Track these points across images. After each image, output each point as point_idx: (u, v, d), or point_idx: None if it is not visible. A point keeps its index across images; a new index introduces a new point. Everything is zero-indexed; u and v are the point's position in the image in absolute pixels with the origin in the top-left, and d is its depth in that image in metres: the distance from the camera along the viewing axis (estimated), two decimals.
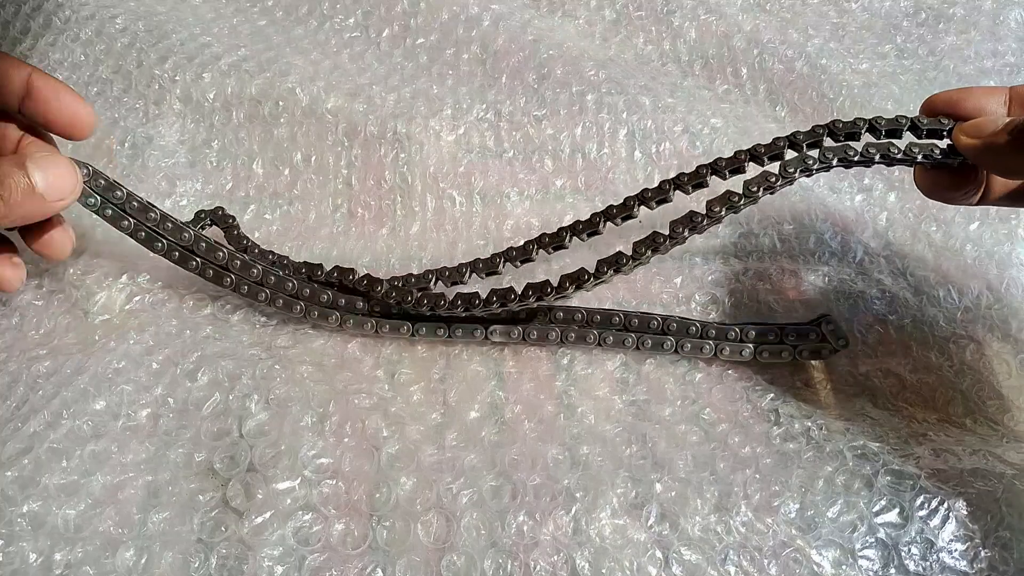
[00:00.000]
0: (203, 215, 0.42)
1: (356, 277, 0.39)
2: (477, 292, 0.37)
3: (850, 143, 0.35)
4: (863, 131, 0.35)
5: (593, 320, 0.38)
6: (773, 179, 0.35)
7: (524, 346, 0.38)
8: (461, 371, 0.37)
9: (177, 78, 0.48)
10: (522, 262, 0.40)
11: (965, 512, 0.31)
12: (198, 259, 0.38)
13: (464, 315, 0.37)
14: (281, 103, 0.47)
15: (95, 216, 0.37)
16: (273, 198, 0.45)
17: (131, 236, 0.38)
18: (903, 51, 0.51)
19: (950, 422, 0.36)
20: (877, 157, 0.35)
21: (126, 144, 0.46)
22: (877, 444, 0.33)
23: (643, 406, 0.36)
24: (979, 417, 0.37)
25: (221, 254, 0.38)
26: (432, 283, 0.40)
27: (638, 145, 0.46)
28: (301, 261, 0.41)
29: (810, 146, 0.35)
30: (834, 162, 0.35)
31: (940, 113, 0.34)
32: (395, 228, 0.44)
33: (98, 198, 0.37)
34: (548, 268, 0.41)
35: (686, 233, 0.36)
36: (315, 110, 0.47)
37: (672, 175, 0.45)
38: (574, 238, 0.39)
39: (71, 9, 0.50)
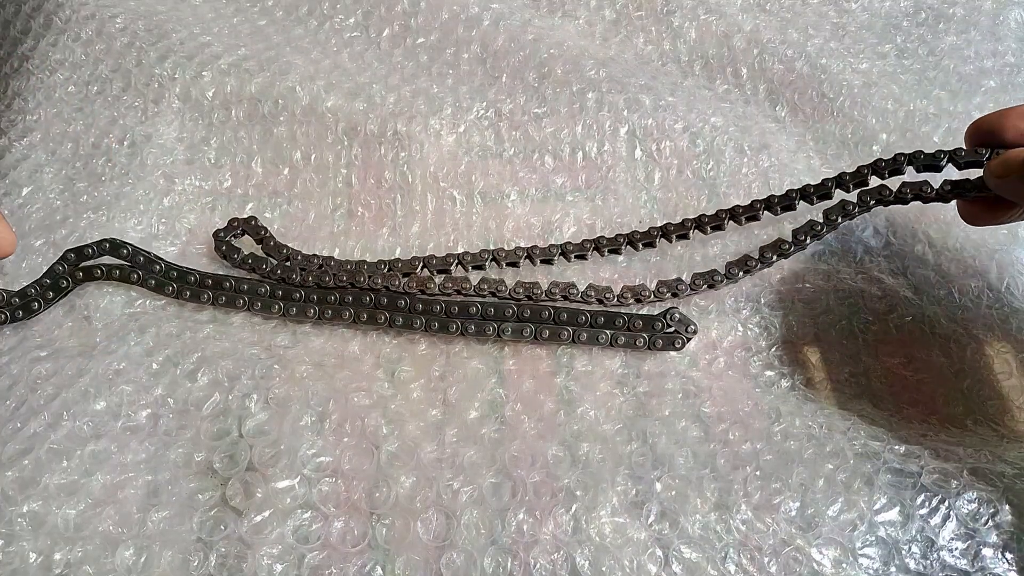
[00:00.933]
0: (236, 224, 0.43)
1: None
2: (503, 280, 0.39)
3: (886, 184, 0.39)
4: (904, 166, 0.38)
5: (451, 311, 0.38)
6: (819, 228, 0.39)
7: (522, 344, 0.38)
8: (461, 369, 0.37)
9: (176, 77, 0.48)
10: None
11: (966, 511, 0.31)
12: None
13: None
14: (281, 102, 0.47)
15: None
16: (272, 197, 0.45)
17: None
18: (903, 51, 0.51)
19: (951, 422, 0.36)
20: (910, 196, 0.38)
21: (125, 142, 0.46)
22: (878, 443, 0.33)
23: (643, 404, 0.36)
24: (979, 417, 0.37)
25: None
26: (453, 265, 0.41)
27: (639, 143, 0.46)
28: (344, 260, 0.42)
29: (856, 185, 0.39)
30: (871, 203, 0.39)
31: (983, 139, 0.36)
32: (395, 227, 0.44)
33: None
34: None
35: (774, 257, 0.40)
36: (315, 109, 0.47)
37: (672, 174, 0.45)
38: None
39: (71, 9, 0.50)
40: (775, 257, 0.39)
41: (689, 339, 0.38)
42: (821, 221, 0.39)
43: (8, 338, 0.38)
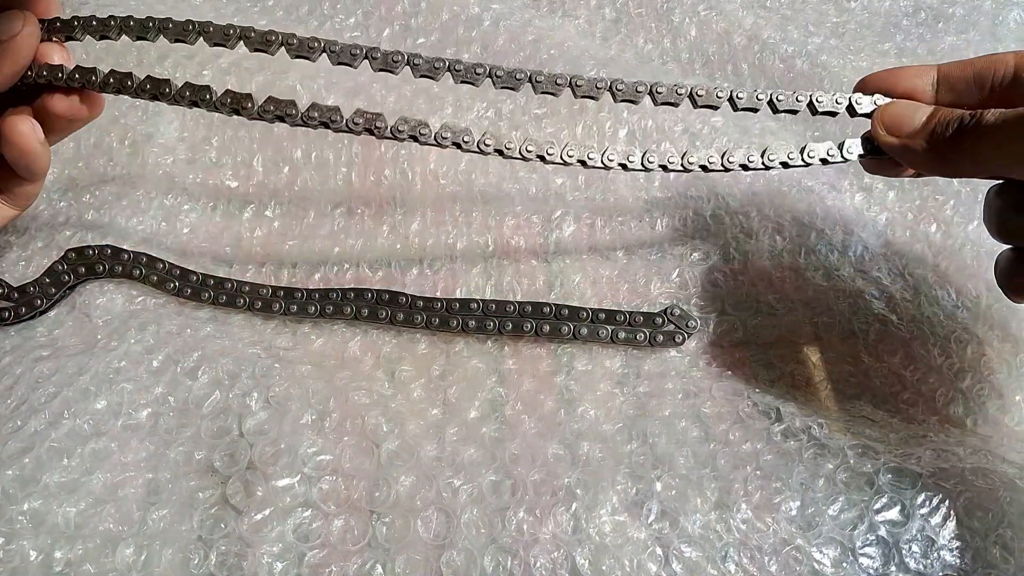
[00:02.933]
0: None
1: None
2: None
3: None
4: (804, 107, 0.35)
5: (452, 308, 0.38)
6: (713, 161, 0.35)
7: (523, 343, 0.38)
8: (461, 368, 0.37)
9: (177, 75, 0.48)
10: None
11: (966, 510, 0.31)
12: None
13: None
14: None
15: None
16: (273, 195, 0.45)
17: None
18: (903, 50, 0.51)
19: (951, 422, 0.36)
20: (817, 160, 0.35)
21: (126, 142, 0.46)
22: (878, 443, 0.33)
23: (643, 403, 0.36)
24: (979, 418, 0.37)
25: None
26: None
27: (638, 144, 0.46)
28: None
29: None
30: (776, 164, 0.35)
31: (874, 92, 0.34)
32: (395, 225, 0.44)
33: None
34: None
35: None
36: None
37: (672, 174, 0.45)
38: None
39: (71, 8, 0.50)
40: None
41: (689, 335, 0.38)
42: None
43: (12, 338, 0.38)
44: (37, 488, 0.31)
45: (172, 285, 0.40)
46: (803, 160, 0.35)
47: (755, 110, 0.35)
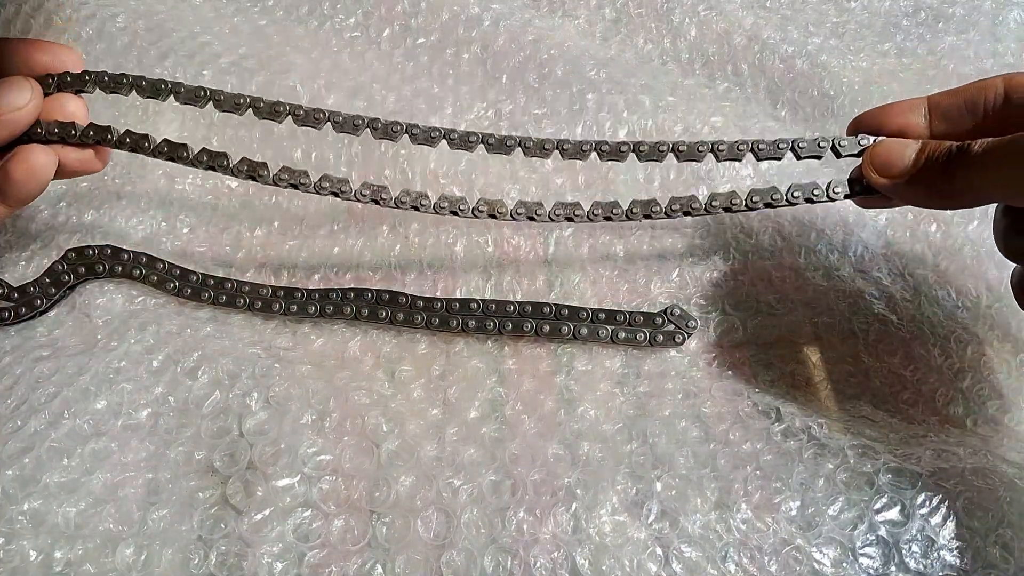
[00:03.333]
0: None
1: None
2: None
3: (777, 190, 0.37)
4: (786, 152, 0.36)
5: (452, 308, 0.38)
6: (696, 207, 0.37)
7: (525, 342, 0.38)
8: (461, 368, 0.37)
9: (177, 76, 0.48)
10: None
11: (966, 510, 0.31)
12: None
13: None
14: (281, 100, 0.47)
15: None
16: (273, 195, 0.45)
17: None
18: (903, 50, 0.51)
19: (951, 422, 0.36)
20: (802, 200, 0.36)
21: None
22: (878, 443, 0.33)
23: (643, 403, 0.36)
24: (979, 418, 0.37)
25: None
26: None
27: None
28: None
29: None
30: (760, 205, 0.37)
31: (868, 130, 0.35)
32: (395, 226, 0.44)
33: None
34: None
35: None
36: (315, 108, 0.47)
37: (672, 175, 0.45)
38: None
39: (71, 8, 0.50)
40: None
41: (689, 335, 0.38)
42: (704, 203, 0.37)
43: (12, 338, 0.38)
44: (37, 488, 0.31)
45: (172, 285, 0.40)
46: (787, 201, 0.36)
47: (779, 158, 0.37)
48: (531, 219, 0.38)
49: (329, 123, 0.38)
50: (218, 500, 0.32)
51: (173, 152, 0.37)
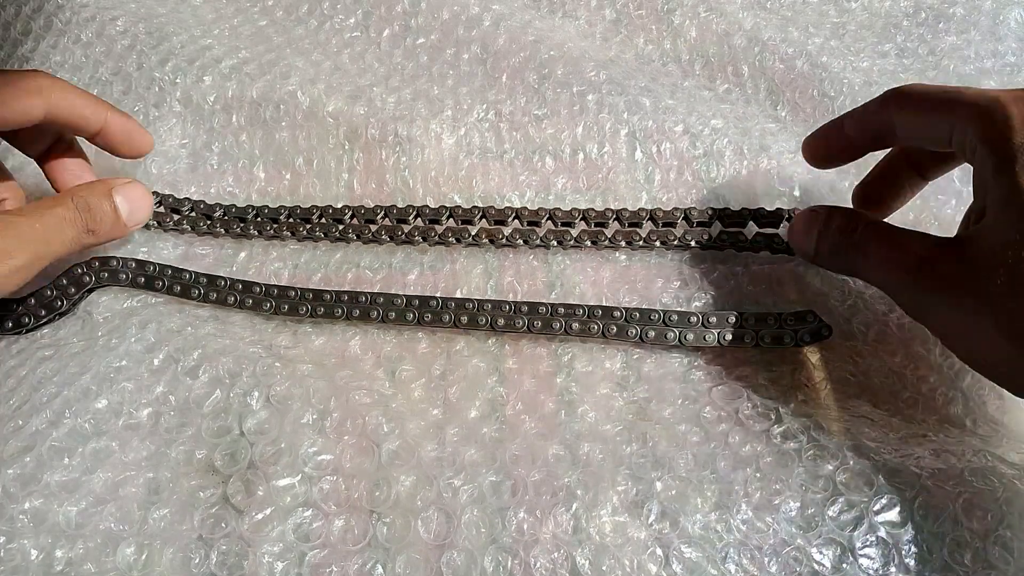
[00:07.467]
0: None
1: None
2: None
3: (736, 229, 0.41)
4: (748, 220, 0.41)
5: (595, 314, 0.38)
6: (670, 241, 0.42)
7: (526, 342, 0.38)
8: (462, 368, 0.37)
9: (177, 81, 0.48)
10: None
11: (966, 511, 0.31)
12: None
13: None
14: (282, 106, 0.47)
15: None
16: (275, 202, 0.45)
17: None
18: (903, 50, 0.51)
19: (951, 422, 0.36)
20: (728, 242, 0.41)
21: None
22: (878, 443, 0.33)
23: (644, 405, 0.36)
24: (979, 418, 0.36)
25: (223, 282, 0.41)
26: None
27: (639, 145, 0.46)
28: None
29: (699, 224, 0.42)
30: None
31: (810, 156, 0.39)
32: None
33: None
34: None
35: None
36: (316, 113, 0.47)
37: (672, 176, 0.45)
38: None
39: (71, 11, 0.50)
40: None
41: (831, 332, 0.38)
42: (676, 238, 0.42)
43: (19, 343, 0.38)
44: (38, 487, 0.31)
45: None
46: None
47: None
48: (525, 243, 0.41)
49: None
50: (219, 499, 0.32)
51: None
